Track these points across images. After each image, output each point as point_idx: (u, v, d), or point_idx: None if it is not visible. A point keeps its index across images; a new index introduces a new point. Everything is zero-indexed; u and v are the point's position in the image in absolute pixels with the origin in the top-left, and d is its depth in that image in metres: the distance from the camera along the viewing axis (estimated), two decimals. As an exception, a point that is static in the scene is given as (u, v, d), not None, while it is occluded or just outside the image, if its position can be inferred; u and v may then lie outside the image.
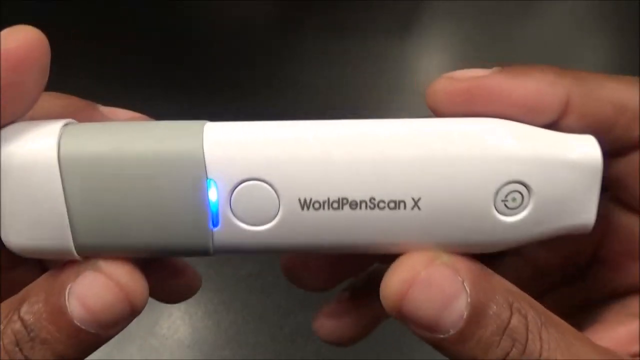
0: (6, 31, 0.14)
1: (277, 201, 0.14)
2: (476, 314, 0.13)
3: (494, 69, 0.15)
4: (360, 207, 0.14)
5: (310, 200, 0.14)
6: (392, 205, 0.14)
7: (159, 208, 0.14)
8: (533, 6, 0.63)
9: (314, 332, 0.20)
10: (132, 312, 0.14)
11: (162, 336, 0.40)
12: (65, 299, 0.14)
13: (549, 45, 0.59)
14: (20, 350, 0.14)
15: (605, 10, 0.64)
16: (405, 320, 0.14)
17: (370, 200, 0.14)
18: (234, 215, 0.14)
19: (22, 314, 0.14)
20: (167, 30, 0.61)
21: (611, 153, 0.15)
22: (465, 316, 0.13)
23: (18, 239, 0.14)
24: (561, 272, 0.18)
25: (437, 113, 0.15)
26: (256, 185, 0.14)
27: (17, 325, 0.14)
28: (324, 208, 0.14)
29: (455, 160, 0.13)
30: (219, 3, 0.64)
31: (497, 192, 0.13)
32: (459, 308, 0.13)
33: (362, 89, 0.55)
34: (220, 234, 0.14)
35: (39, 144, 0.14)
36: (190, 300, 0.24)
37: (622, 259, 0.16)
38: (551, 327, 0.14)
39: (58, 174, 0.14)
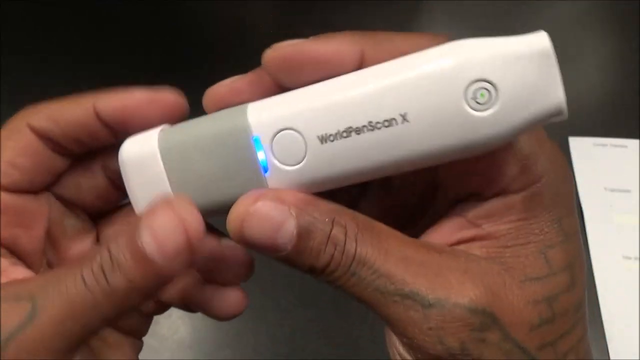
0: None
1: (304, 142, 0.18)
2: (304, 232, 0.17)
3: (309, 38, 0.19)
4: (363, 131, 0.17)
5: (326, 134, 0.17)
6: (386, 123, 0.17)
7: (229, 169, 0.19)
8: (533, 6, 0.63)
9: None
10: (188, 244, 0.17)
11: (162, 336, 0.40)
12: (140, 230, 0.17)
13: (549, 45, 0.59)
14: (104, 273, 0.17)
15: (605, 10, 0.64)
16: (248, 246, 0.18)
17: (369, 124, 0.17)
18: (277, 160, 0.18)
19: (110, 246, 0.17)
20: (166, 30, 0.61)
21: None
22: (295, 234, 0.17)
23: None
24: (410, 194, 0.22)
25: (270, 76, 0.19)
26: (287, 133, 0.18)
27: (105, 254, 0.17)
28: (337, 139, 0.17)
29: (426, 72, 0.16)
30: (218, 3, 0.64)
31: (465, 91, 0.16)
32: (289, 229, 0.17)
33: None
34: (271, 179, 0.18)
35: (146, 145, 0.20)
36: (190, 300, 0.24)
37: (449, 178, 0.20)
38: (366, 231, 0.18)
39: (161, 162, 0.20)
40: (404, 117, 0.16)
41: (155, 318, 0.25)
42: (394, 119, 0.17)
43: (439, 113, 0.16)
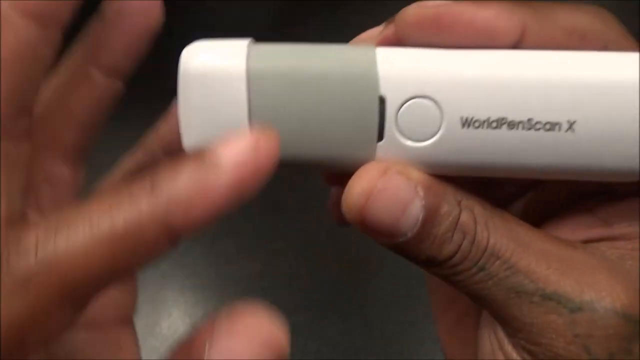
0: None
1: (440, 118, 0.15)
2: (430, 215, 0.15)
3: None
4: (518, 127, 0.14)
5: (472, 118, 0.14)
6: (547, 126, 0.14)
7: (331, 121, 0.15)
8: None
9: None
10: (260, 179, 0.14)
11: (162, 336, 0.40)
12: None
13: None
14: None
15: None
16: (367, 229, 0.15)
17: (527, 121, 0.14)
18: (398, 130, 0.15)
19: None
20: (166, 30, 0.61)
21: None
22: (420, 219, 0.15)
23: (197, 142, 0.15)
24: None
25: (405, 39, 0.16)
26: (422, 103, 0.15)
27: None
28: (483, 127, 0.14)
29: (614, 84, 0.14)
30: (218, 3, 0.64)
31: None
32: (414, 212, 0.15)
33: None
34: (382, 148, 0.15)
35: (230, 58, 0.15)
36: (190, 300, 0.24)
37: None
38: (496, 218, 0.15)
39: (245, 87, 0.15)
40: (571, 126, 0.14)
41: (155, 318, 0.25)
42: (559, 124, 0.14)
43: (614, 133, 0.14)
